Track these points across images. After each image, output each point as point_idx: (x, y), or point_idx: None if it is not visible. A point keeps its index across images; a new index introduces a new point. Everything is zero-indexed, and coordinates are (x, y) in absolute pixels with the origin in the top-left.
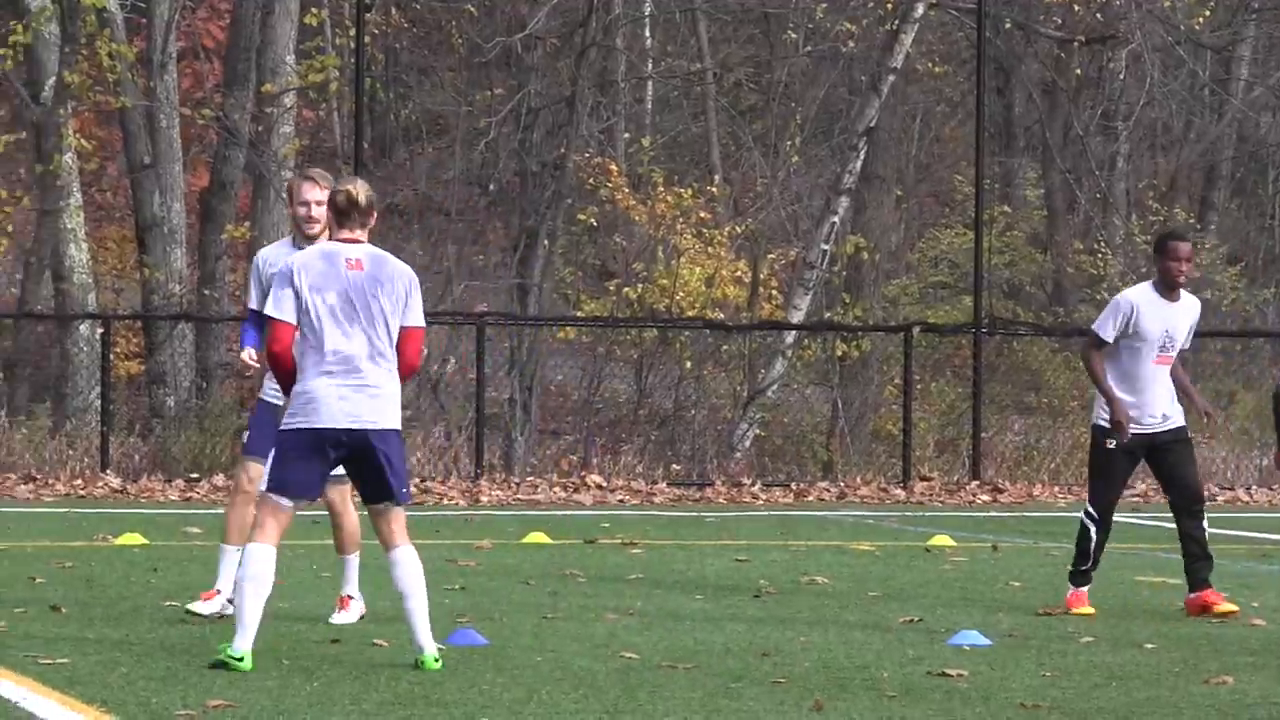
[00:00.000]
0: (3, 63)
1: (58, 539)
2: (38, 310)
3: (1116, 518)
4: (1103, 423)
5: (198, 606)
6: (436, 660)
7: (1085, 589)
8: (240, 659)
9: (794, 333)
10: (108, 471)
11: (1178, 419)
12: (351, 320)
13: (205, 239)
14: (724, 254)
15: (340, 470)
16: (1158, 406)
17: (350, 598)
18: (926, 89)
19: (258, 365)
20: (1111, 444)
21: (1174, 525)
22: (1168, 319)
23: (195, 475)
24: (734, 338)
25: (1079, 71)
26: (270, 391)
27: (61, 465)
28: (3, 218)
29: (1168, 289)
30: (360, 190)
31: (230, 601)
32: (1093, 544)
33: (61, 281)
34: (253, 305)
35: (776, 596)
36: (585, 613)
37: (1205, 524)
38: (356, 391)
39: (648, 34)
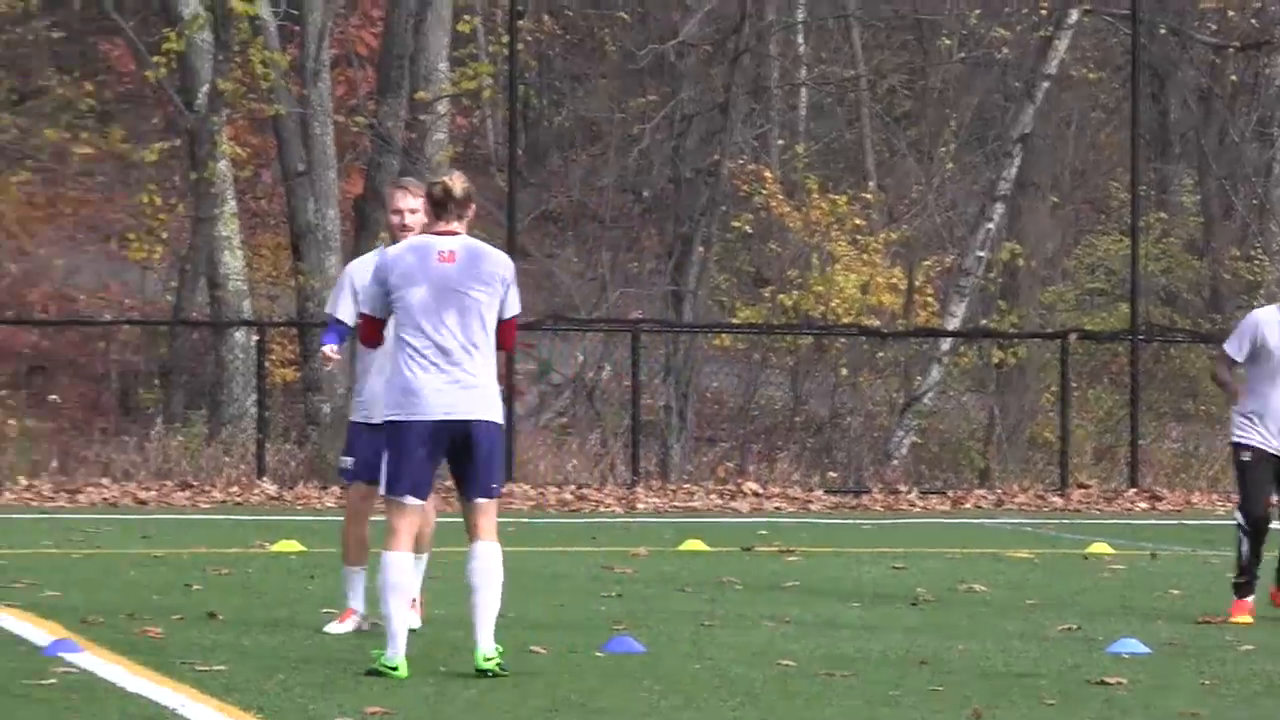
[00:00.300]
0: (157, 70)
1: (214, 546)
2: (193, 317)
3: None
4: (1235, 433)
5: (334, 628)
6: (488, 660)
7: (1248, 599)
8: (395, 667)
9: (950, 339)
10: (264, 478)
11: None
12: (443, 312)
13: (359, 246)
14: (879, 260)
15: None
16: None
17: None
18: (1081, 95)
19: (337, 358)
20: (1246, 456)
21: None
22: None
23: None
24: (889, 344)
25: (1234, 77)
26: (361, 412)
27: (218, 472)
28: (158, 225)
29: None
30: (456, 182)
31: (366, 618)
32: (1243, 554)
33: (216, 289)
34: (333, 311)
35: (934, 604)
36: (742, 620)
37: None
38: (452, 383)
39: (801, 40)
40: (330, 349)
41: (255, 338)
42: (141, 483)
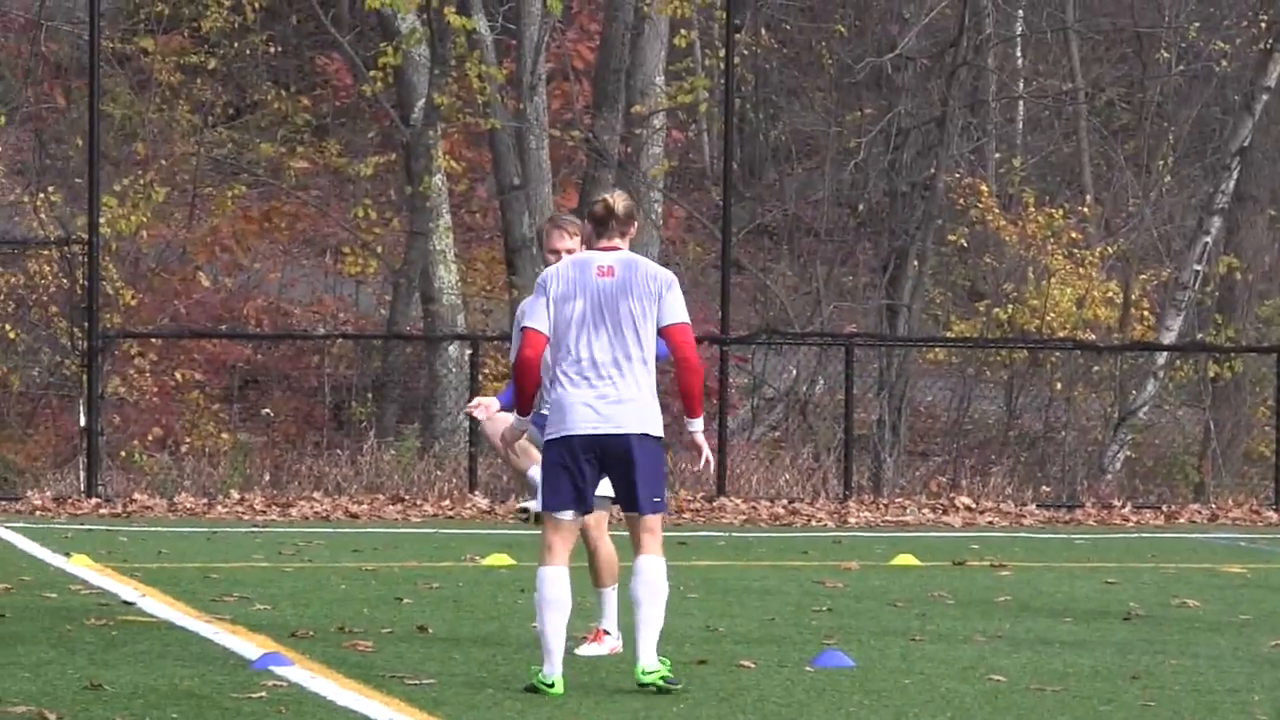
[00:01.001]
0: (373, 85)
1: (425, 560)
2: (407, 331)
3: None
4: None
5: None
6: (648, 674)
7: None
8: (550, 684)
9: (1165, 353)
10: (475, 492)
11: None
12: (599, 327)
13: None
14: (1095, 274)
15: (601, 490)
16: None
17: (606, 632)
18: None
19: (480, 416)
20: None
21: None
22: None
23: None
24: (1105, 358)
25: None
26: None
27: (429, 486)
28: (373, 239)
29: None
30: (618, 200)
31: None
32: None
33: (430, 303)
34: (511, 357)
35: (1146, 619)
36: (953, 635)
37: None
38: (600, 398)
39: (1019, 53)
40: (479, 404)
41: (469, 352)
42: (353, 496)
